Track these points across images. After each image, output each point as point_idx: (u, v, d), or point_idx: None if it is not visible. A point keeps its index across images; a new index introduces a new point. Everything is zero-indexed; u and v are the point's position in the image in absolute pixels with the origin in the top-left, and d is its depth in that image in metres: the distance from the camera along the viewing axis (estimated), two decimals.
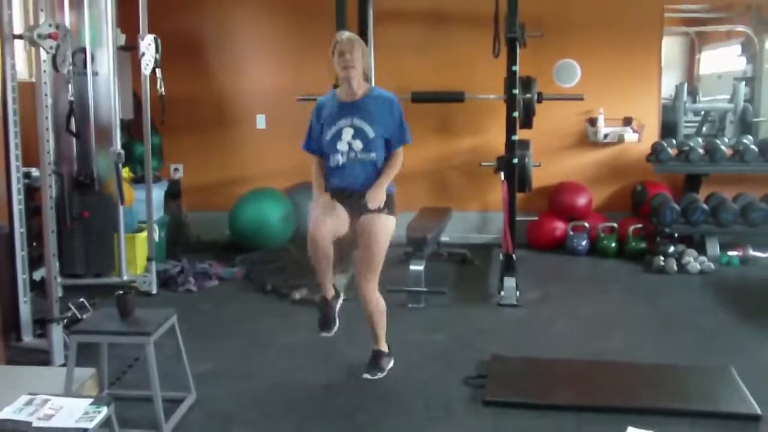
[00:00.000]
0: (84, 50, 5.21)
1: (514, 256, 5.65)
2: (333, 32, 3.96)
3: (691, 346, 4.61)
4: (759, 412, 3.54)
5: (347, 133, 3.83)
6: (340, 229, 3.84)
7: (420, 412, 3.67)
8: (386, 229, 3.87)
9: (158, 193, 6.43)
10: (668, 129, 7.48)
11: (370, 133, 3.83)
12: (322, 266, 3.84)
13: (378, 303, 3.95)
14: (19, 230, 4.31)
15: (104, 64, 5.25)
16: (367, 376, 3.93)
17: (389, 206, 3.90)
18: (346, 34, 3.88)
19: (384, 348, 4.04)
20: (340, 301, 4.07)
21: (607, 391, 3.87)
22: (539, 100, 6.18)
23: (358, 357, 4.14)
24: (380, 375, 3.96)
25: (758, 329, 4.89)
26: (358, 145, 3.83)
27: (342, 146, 3.83)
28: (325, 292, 3.99)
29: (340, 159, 3.85)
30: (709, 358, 4.38)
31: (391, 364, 4.03)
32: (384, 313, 3.99)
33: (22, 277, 4.34)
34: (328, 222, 3.75)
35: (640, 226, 6.85)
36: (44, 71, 4.31)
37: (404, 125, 3.93)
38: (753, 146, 6.68)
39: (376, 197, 3.80)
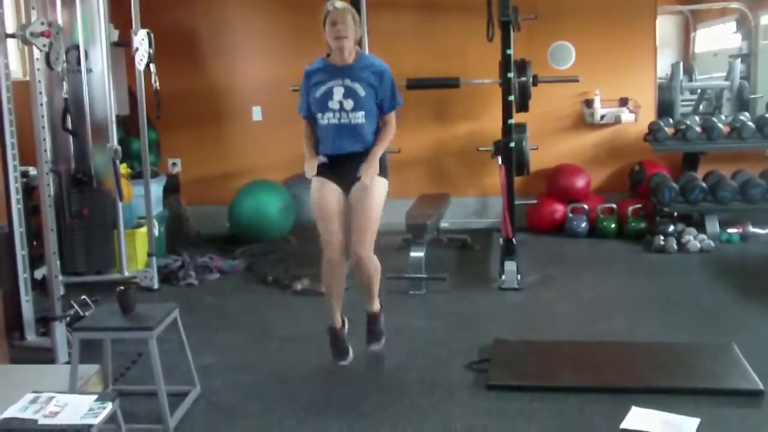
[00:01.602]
0: (77, 47, 5.21)
1: (513, 239, 5.66)
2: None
3: (693, 324, 4.62)
4: (762, 387, 3.56)
5: (338, 92, 3.83)
6: (346, 218, 3.88)
7: (423, 397, 3.68)
8: (380, 192, 3.90)
9: (157, 188, 6.43)
10: (665, 108, 7.47)
11: (361, 92, 3.83)
12: (335, 291, 3.96)
13: (376, 266, 3.95)
14: (19, 230, 4.31)
15: (98, 61, 5.24)
16: (373, 347, 3.99)
17: (382, 169, 3.91)
18: (338, 3, 3.87)
19: (378, 306, 4.06)
20: (346, 329, 4.13)
21: (610, 371, 3.88)
22: (535, 83, 6.16)
23: (360, 346, 4.15)
24: (383, 340, 4.01)
25: (759, 306, 4.89)
26: (349, 103, 3.82)
27: (333, 104, 3.83)
28: (334, 322, 4.06)
29: (331, 118, 3.84)
30: (710, 335, 4.40)
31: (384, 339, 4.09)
32: (379, 271, 3.98)
33: (23, 276, 4.34)
34: (338, 230, 3.83)
35: (639, 206, 6.86)
36: (38, 69, 4.29)
37: (395, 89, 3.95)
38: (750, 123, 6.67)
39: (370, 170, 3.82)
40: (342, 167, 3.87)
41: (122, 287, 3.51)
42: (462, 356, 4.13)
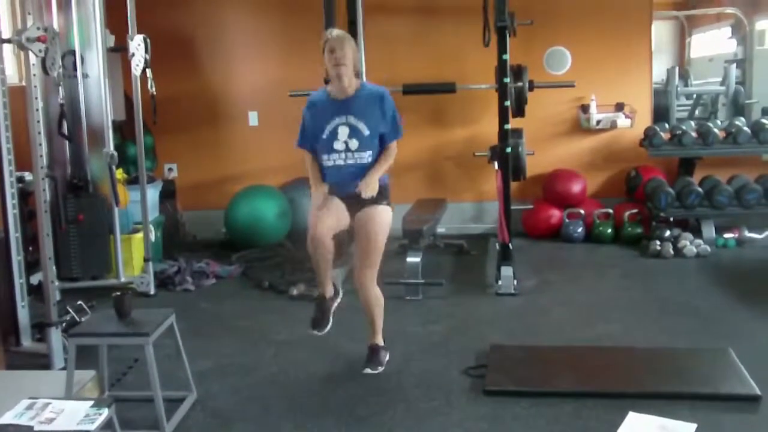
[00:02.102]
0: (73, 53, 5.21)
1: (510, 245, 5.65)
2: (322, 26, 3.99)
3: (689, 329, 4.62)
4: (758, 392, 3.56)
5: (343, 132, 3.83)
6: (339, 225, 3.87)
7: (420, 403, 3.68)
8: (384, 220, 3.90)
9: (153, 193, 6.41)
10: (661, 113, 7.50)
11: (365, 130, 3.83)
12: (322, 265, 3.87)
13: (377, 296, 3.96)
14: (15, 235, 4.30)
15: (94, 66, 5.24)
16: (368, 370, 3.94)
17: (385, 197, 3.93)
18: (335, 32, 3.89)
19: (381, 342, 4.04)
20: (338, 299, 4.10)
21: (607, 376, 3.89)
22: (531, 89, 6.18)
23: (357, 351, 4.15)
24: (380, 369, 3.97)
25: (755, 310, 4.90)
26: (354, 144, 3.83)
27: (339, 145, 3.84)
28: (324, 291, 4.02)
29: (337, 159, 3.86)
30: (707, 340, 4.40)
31: (388, 357, 4.04)
32: (382, 307, 4.00)
33: (19, 281, 4.33)
34: (328, 220, 3.78)
35: (635, 211, 6.86)
36: (34, 75, 4.29)
37: (396, 119, 3.94)
38: (746, 128, 6.68)
39: (369, 185, 3.80)
40: (347, 197, 3.88)
41: (118, 293, 3.51)
42: (459, 361, 4.13)
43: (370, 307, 3.97)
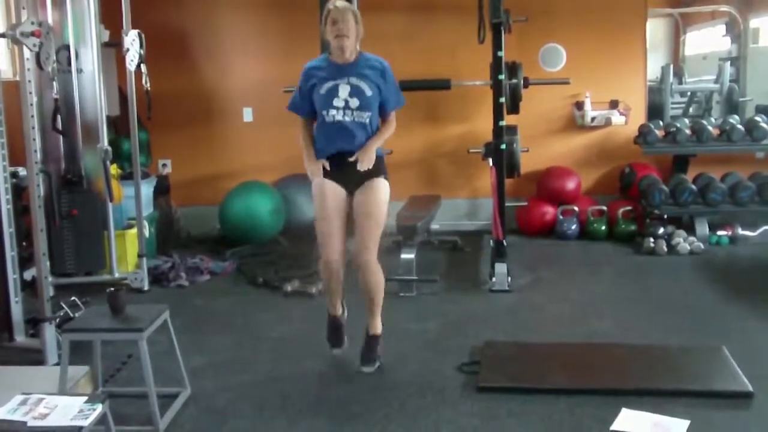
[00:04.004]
0: (68, 47, 5.18)
1: (504, 241, 5.66)
2: (317, 22, 3.95)
3: (683, 326, 4.64)
4: (751, 389, 3.57)
5: (344, 90, 3.80)
6: (345, 221, 3.89)
7: (414, 399, 3.68)
8: (383, 195, 3.90)
9: (147, 189, 6.40)
10: (655, 111, 7.50)
11: (367, 90, 3.81)
12: (334, 292, 3.97)
13: (380, 275, 3.94)
14: (8, 230, 4.29)
15: (89, 61, 5.21)
16: (364, 369, 3.95)
17: (383, 170, 3.93)
18: (339, 2, 3.83)
19: (379, 331, 4.04)
20: (345, 315, 4.14)
21: (601, 373, 3.90)
22: (525, 85, 6.18)
23: (351, 347, 4.15)
24: (377, 365, 3.97)
25: (748, 308, 4.92)
26: (354, 102, 3.80)
27: (338, 102, 3.80)
28: (335, 311, 4.07)
29: (336, 115, 3.81)
30: (700, 337, 4.42)
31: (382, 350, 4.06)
32: (382, 285, 3.97)
33: (12, 277, 4.32)
34: (337, 240, 3.82)
35: (629, 208, 6.88)
36: (28, 69, 4.27)
37: (398, 88, 3.96)
38: (739, 126, 6.70)
39: (366, 158, 3.82)
40: (346, 167, 3.85)
41: (112, 288, 3.50)
42: (453, 358, 4.13)
43: (373, 291, 3.94)
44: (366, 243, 3.86)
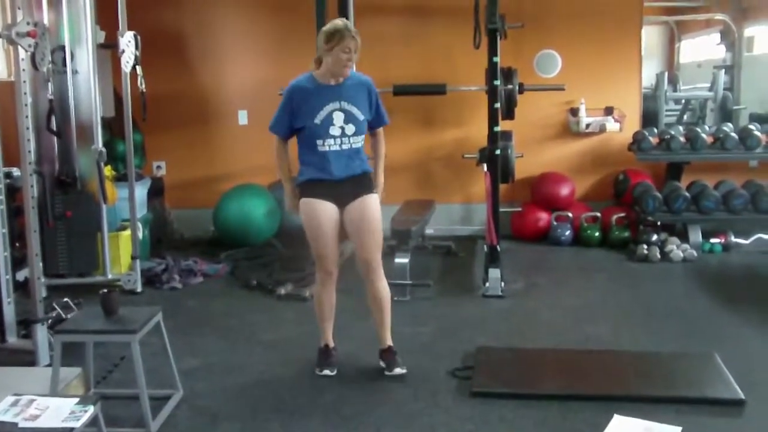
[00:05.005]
0: (63, 48, 5.16)
1: (498, 247, 5.67)
2: (313, 26, 3.95)
3: (675, 333, 4.65)
4: (742, 396, 3.58)
5: (338, 118, 3.81)
6: (338, 236, 3.95)
7: (407, 404, 3.68)
8: (378, 209, 3.96)
9: (141, 191, 6.39)
10: (649, 118, 7.52)
11: (359, 115, 3.84)
12: (326, 318, 4.06)
13: (388, 290, 4.02)
14: (1, 231, 4.28)
15: (84, 62, 5.20)
16: (398, 370, 3.97)
17: (372, 186, 3.98)
18: (352, 27, 3.79)
19: (391, 340, 4.09)
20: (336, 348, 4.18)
21: (593, 379, 3.90)
22: (521, 91, 6.19)
23: (344, 350, 4.16)
24: (403, 366, 4.00)
25: (740, 315, 4.93)
26: (350, 128, 3.82)
27: (335, 131, 3.81)
28: (327, 341, 4.12)
29: (332, 144, 3.83)
30: (692, 344, 4.42)
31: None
32: (389, 298, 4.04)
33: (5, 277, 4.30)
34: (335, 253, 3.91)
35: (623, 215, 6.89)
36: (23, 70, 4.27)
37: (381, 106, 3.98)
38: (733, 134, 6.72)
39: (382, 189, 4.00)
40: (340, 187, 3.88)
41: (105, 290, 3.50)
42: (446, 363, 4.13)
43: (386, 299, 4.01)
44: (373, 256, 3.92)
